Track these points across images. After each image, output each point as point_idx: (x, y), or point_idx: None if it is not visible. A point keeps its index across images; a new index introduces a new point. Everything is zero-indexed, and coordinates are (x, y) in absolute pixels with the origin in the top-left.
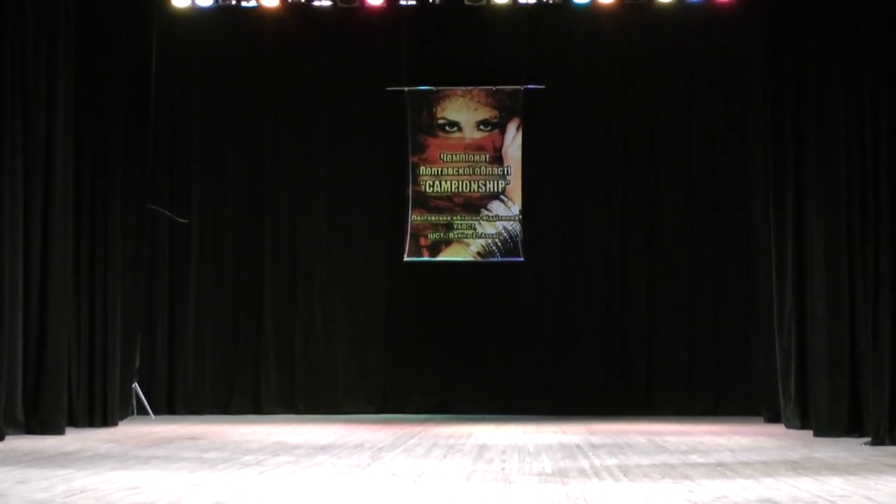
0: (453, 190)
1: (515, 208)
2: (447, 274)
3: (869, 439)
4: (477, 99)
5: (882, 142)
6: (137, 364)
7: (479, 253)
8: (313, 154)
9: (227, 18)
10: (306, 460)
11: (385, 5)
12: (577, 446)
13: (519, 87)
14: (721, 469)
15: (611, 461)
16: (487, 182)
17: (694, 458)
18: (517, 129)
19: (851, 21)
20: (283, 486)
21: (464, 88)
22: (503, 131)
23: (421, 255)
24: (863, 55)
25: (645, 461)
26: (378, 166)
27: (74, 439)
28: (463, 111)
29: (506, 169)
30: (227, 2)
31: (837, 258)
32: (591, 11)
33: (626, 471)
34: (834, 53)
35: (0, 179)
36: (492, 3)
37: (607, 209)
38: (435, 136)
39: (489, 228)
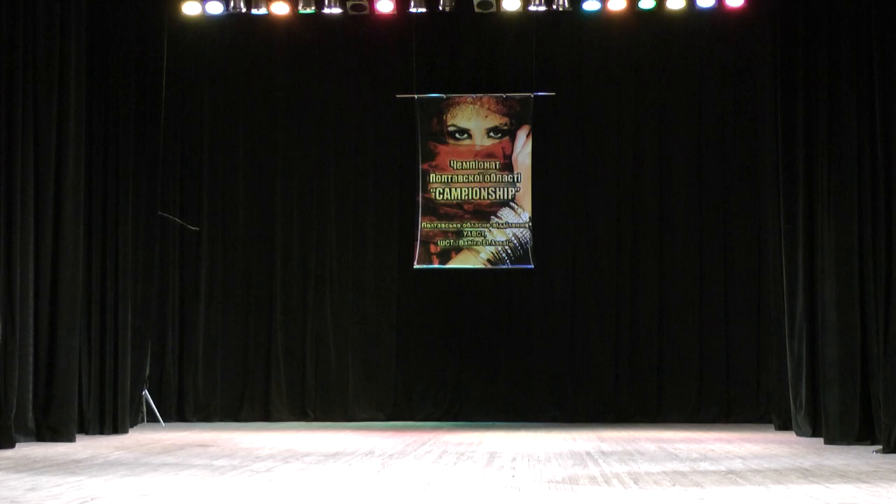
0: (463, 197)
1: (525, 215)
2: (457, 281)
3: (880, 447)
4: (487, 106)
5: (893, 147)
6: (148, 371)
7: (489, 260)
8: (323, 161)
9: (238, 26)
10: (316, 467)
11: (395, 13)
12: (587, 453)
13: (529, 94)
14: (731, 477)
15: (621, 468)
16: (497, 189)
17: (704, 465)
18: (527, 136)
19: (862, 26)
20: (294, 494)
21: (474, 96)
22: (513, 138)
23: (431, 263)
24: (873, 61)
25: (655, 468)
26: (388, 173)
27: (85, 446)
28: (473, 118)
29: (516, 176)
30: (238, 10)
31: (849, 264)
32: (601, 19)
33: (636, 478)
34: (845, 59)
35: (11, 186)
36: (502, 10)
37: (617, 216)
38: (445, 143)
39: (499, 236)
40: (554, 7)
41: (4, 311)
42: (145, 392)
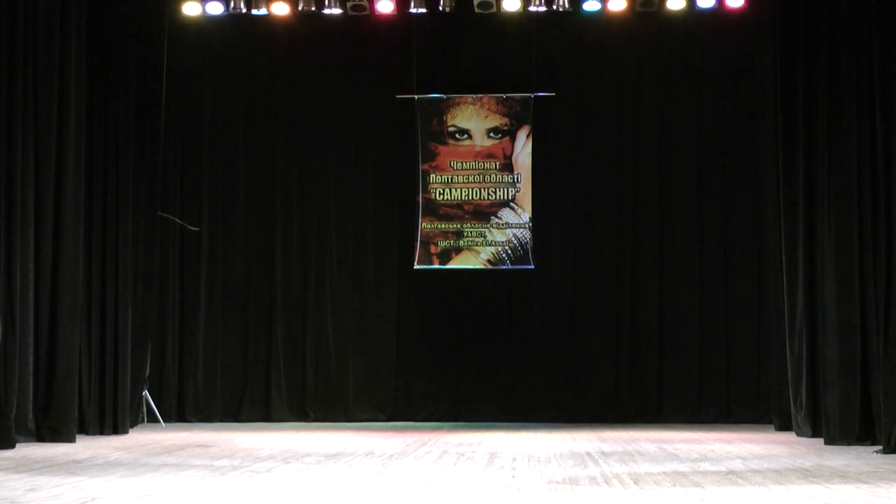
0: (463, 198)
1: (525, 216)
2: (457, 282)
3: (880, 447)
4: (487, 106)
5: (893, 147)
6: (148, 371)
7: (489, 260)
8: (323, 161)
9: (238, 26)
10: (317, 468)
11: (395, 14)
12: (588, 454)
13: (529, 94)
14: (732, 477)
15: (621, 469)
16: (497, 189)
17: (704, 466)
18: (527, 136)
19: (862, 26)
20: (294, 494)
21: (474, 96)
22: (513, 139)
23: (431, 263)
24: (873, 61)
25: (655, 469)
26: (388, 174)
27: (85, 447)
28: (473, 119)
29: (516, 176)
30: (238, 10)
31: (848, 264)
32: (601, 19)
33: (636, 478)
34: (845, 59)
35: (11, 187)
36: (502, 10)
37: (617, 216)
38: (445, 143)
39: (499, 236)
40: (554, 7)
41: (4, 311)
42: (145, 392)
